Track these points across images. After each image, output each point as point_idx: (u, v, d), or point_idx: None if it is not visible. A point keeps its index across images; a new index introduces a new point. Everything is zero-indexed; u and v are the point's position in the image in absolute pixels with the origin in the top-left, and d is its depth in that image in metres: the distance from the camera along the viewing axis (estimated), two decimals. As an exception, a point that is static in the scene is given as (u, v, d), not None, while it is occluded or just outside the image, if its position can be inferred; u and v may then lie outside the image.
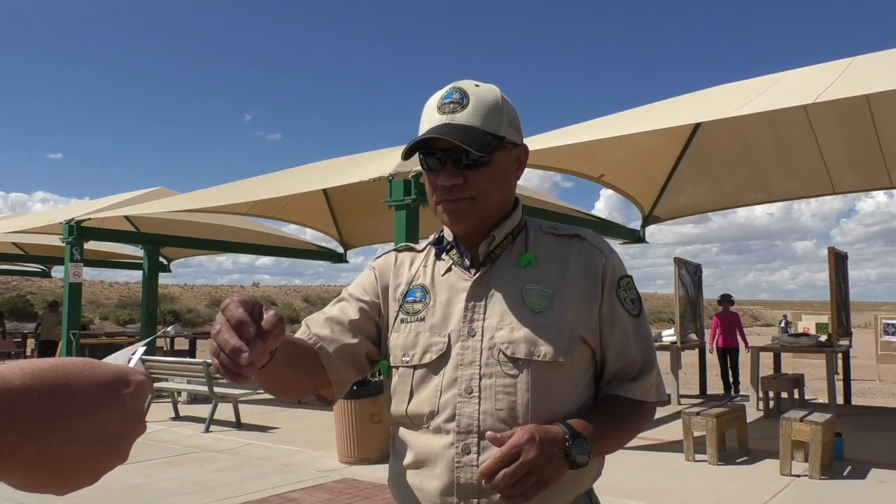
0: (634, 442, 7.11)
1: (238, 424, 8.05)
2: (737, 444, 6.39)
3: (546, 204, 10.82)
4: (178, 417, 8.52)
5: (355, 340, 1.26)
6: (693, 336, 10.24)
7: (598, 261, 1.24)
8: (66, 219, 10.95)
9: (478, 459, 1.14)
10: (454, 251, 1.28)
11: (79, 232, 10.77)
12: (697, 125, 9.13)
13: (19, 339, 17.62)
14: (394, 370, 1.25)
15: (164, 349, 16.84)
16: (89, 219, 11.00)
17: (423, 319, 1.24)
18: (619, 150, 8.69)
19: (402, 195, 7.14)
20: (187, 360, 9.72)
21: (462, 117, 1.17)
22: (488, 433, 1.10)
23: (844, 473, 5.58)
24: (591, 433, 1.11)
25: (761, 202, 11.45)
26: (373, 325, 1.30)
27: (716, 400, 9.10)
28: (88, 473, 0.53)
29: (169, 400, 8.87)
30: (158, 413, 8.63)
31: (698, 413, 6.09)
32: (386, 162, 8.00)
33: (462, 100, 1.18)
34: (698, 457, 5.98)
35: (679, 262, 9.94)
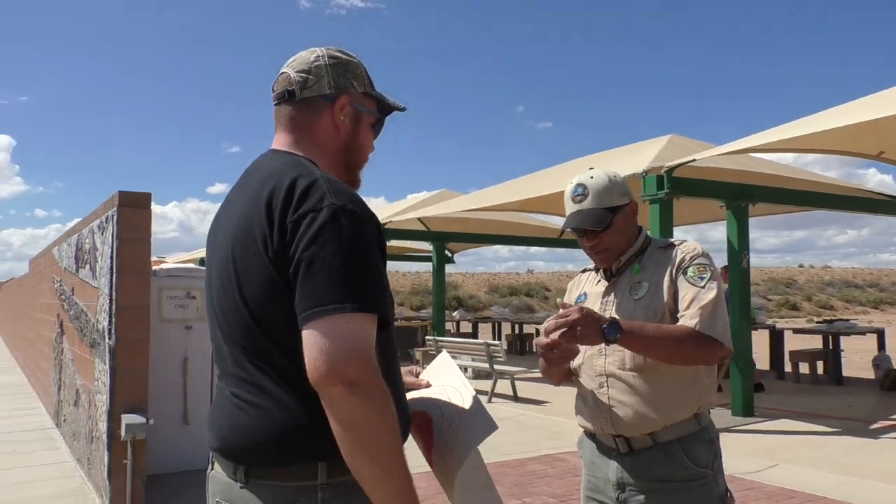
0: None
1: (515, 397, 9.22)
2: None
3: (832, 188, 10.22)
4: (465, 390, 9.92)
5: None
6: None
7: (676, 255, 1.89)
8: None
9: (608, 392, 1.86)
10: (601, 269, 2.04)
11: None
12: None
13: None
14: None
15: (452, 332, 18.99)
16: (390, 221, 13.06)
17: None
18: (902, 123, 8.01)
19: (655, 190, 7.56)
20: (471, 340, 11.18)
21: (586, 204, 1.92)
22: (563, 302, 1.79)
23: None
24: (628, 326, 1.70)
25: None
26: None
27: None
28: None
29: (457, 375, 10.35)
30: (450, 385, 10.14)
31: None
32: (640, 158, 8.46)
33: (584, 192, 1.92)
34: None
35: None
